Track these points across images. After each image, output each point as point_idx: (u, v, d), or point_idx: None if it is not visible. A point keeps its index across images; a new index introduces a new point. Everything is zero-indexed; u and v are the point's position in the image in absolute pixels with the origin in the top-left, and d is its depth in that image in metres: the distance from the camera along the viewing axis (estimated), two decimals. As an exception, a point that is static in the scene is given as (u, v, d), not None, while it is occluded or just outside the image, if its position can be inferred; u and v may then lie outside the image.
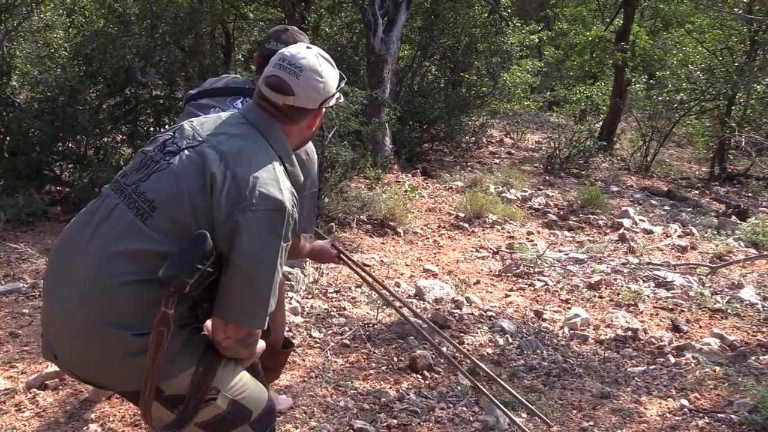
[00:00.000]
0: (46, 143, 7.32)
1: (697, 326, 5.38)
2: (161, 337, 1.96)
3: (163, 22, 8.49)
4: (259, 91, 2.28)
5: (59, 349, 2.11)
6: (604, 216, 9.03)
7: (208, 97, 3.15)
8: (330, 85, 2.31)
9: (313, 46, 2.35)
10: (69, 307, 2.03)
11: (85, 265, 2.04)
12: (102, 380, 2.13)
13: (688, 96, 14.05)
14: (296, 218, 2.18)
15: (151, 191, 2.08)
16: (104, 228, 2.07)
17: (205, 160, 2.08)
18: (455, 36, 13.19)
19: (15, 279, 5.42)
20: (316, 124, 2.40)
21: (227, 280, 2.04)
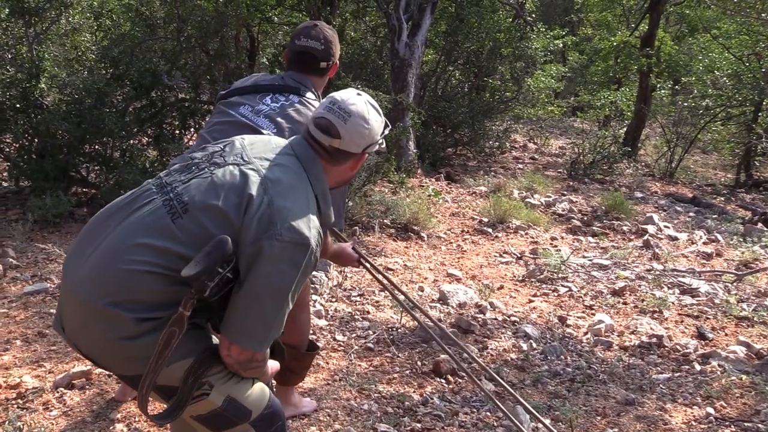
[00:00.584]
0: (73, 145, 7.39)
1: (722, 334, 5.35)
2: (172, 336, 2.01)
3: (189, 26, 8.55)
4: (308, 128, 2.37)
5: (67, 322, 2.17)
6: (628, 222, 8.99)
7: (238, 95, 3.20)
8: (375, 132, 2.40)
9: (363, 92, 2.43)
10: (79, 282, 2.09)
11: (107, 246, 2.10)
12: (99, 359, 2.18)
13: (714, 102, 13.96)
14: (317, 258, 2.23)
15: (188, 194, 2.14)
16: (135, 216, 2.14)
17: (246, 180, 2.14)
18: (479, 41, 13.18)
19: (42, 279, 5.48)
20: (357, 167, 2.48)
21: (238, 299, 2.10)
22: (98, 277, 2.06)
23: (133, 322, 2.02)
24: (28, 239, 6.36)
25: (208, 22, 8.44)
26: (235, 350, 2.12)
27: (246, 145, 2.32)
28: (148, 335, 2.04)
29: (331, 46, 3.23)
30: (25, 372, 4.02)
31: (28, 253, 6.02)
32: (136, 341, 2.04)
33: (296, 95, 3.16)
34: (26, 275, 5.54)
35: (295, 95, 3.16)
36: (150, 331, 2.04)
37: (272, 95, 3.15)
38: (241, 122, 3.06)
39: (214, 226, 2.07)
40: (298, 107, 3.11)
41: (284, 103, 3.13)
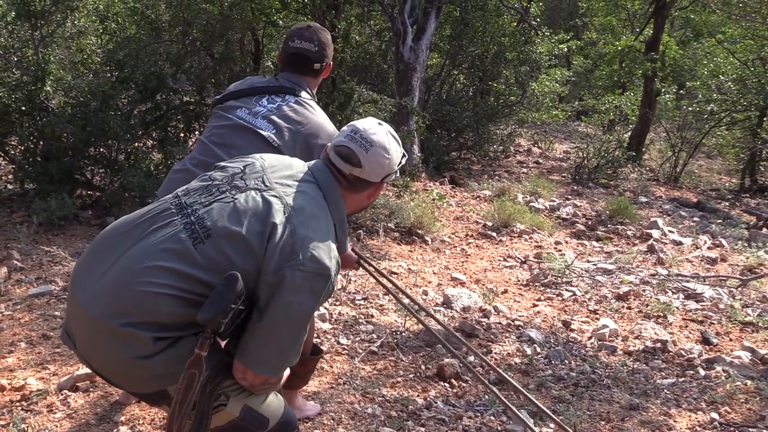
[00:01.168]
0: (78, 148, 7.40)
1: (727, 339, 5.34)
2: (192, 379, 2.02)
3: (194, 29, 8.56)
4: (328, 156, 2.40)
5: (78, 338, 2.15)
6: (632, 227, 8.98)
7: (234, 99, 3.21)
8: (394, 162, 2.44)
9: (384, 123, 2.46)
10: (93, 299, 2.07)
11: (124, 265, 2.08)
12: (111, 377, 2.17)
13: (719, 107, 13.94)
14: (334, 287, 2.25)
15: (210, 219, 2.13)
16: (154, 237, 2.12)
17: (270, 208, 2.15)
18: (484, 45, 13.19)
19: (47, 282, 5.48)
20: (374, 196, 2.53)
21: (256, 328, 2.11)
22: (114, 296, 2.04)
23: (152, 340, 2.01)
24: (33, 242, 6.37)
25: (213, 26, 8.45)
26: (250, 375, 2.14)
27: (266, 168, 2.33)
28: (163, 353, 2.04)
29: (324, 48, 3.24)
30: (30, 374, 4.02)
31: (32, 255, 6.03)
32: (150, 360, 2.03)
33: (292, 95, 3.18)
34: (31, 278, 5.55)
35: (290, 95, 3.18)
36: (164, 349, 2.04)
37: (268, 96, 3.17)
38: (239, 125, 3.08)
39: (236, 253, 2.08)
40: (294, 107, 3.14)
41: (280, 104, 3.14)
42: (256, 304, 2.11)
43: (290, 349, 2.17)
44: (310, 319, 2.18)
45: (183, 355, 2.03)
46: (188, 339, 2.06)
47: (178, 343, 2.06)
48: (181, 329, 2.05)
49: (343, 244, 2.38)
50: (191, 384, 2.01)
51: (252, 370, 2.13)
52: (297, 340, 2.18)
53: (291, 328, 2.12)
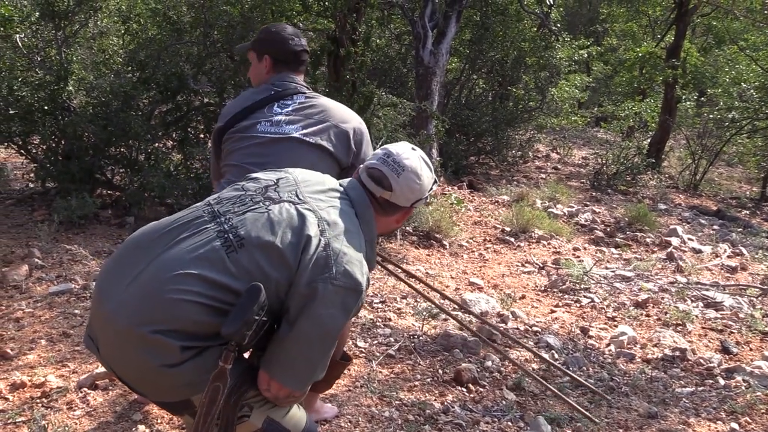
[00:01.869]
0: (99, 147, 7.45)
1: (747, 349, 5.30)
2: (216, 392, 2.01)
3: (216, 31, 8.59)
4: (360, 176, 2.41)
5: (102, 344, 2.13)
6: (651, 234, 8.93)
7: (243, 120, 3.15)
8: (425, 188, 2.44)
9: (417, 148, 2.47)
10: (121, 307, 2.05)
11: (154, 272, 2.06)
12: (137, 384, 2.15)
13: (741, 114, 13.85)
14: (364, 304, 2.25)
15: (244, 228, 2.12)
16: (186, 244, 2.11)
17: (304, 221, 2.15)
18: (504, 50, 13.17)
19: (67, 280, 5.52)
20: (403, 220, 2.52)
21: (285, 340, 2.10)
22: (143, 303, 2.03)
23: (179, 350, 2.01)
24: (54, 240, 6.41)
25: (234, 28, 8.48)
26: (275, 386, 2.14)
27: (300, 181, 2.33)
28: (189, 362, 2.03)
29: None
30: (50, 371, 4.05)
31: (53, 253, 6.07)
32: (177, 368, 2.02)
33: (299, 94, 3.18)
34: (51, 275, 5.58)
35: (298, 94, 3.18)
36: (191, 358, 2.03)
37: (277, 103, 3.15)
38: (270, 139, 3.04)
39: (269, 264, 2.07)
40: (309, 102, 3.16)
41: (295, 105, 3.14)
42: (285, 316, 2.10)
43: (318, 363, 2.17)
44: (339, 333, 2.16)
45: (209, 365, 2.02)
46: (215, 349, 2.04)
47: (205, 353, 2.05)
48: (208, 339, 2.04)
49: (372, 262, 2.37)
50: (215, 397, 2.01)
51: (278, 381, 2.12)
52: (325, 354, 2.17)
53: (320, 342, 2.12)
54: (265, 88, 3.22)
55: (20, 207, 7.39)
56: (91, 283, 5.44)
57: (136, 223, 7.04)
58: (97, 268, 5.82)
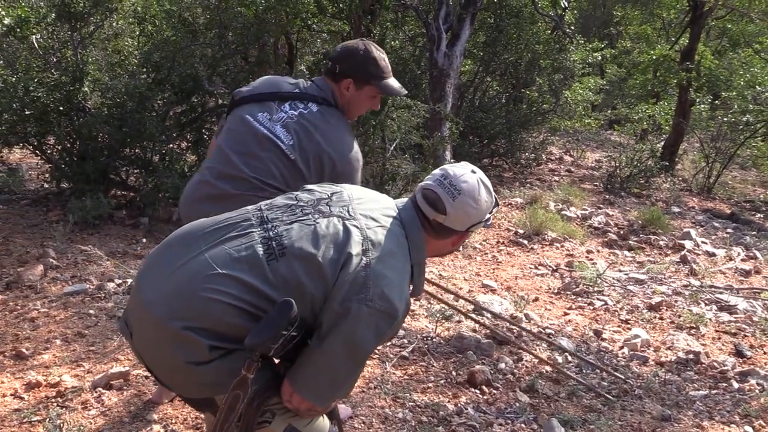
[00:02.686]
0: (114, 148, 7.48)
1: (761, 352, 5.28)
2: (236, 400, 2.01)
3: (230, 32, 8.62)
4: (415, 197, 2.34)
5: (136, 331, 2.15)
6: (665, 237, 8.91)
7: (255, 102, 3.17)
8: (483, 213, 2.34)
9: (478, 170, 2.37)
10: (159, 298, 2.06)
11: (194, 268, 2.08)
12: (162, 376, 2.17)
13: (755, 117, 13.78)
14: (399, 329, 2.23)
15: (288, 238, 2.12)
16: (229, 245, 2.12)
17: (349, 237, 2.13)
18: (518, 52, 13.15)
19: (82, 280, 5.55)
20: (459, 243, 2.44)
21: (313, 354, 2.09)
22: (179, 298, 2.04)
23: (207, 349, 2.01)
24: (69, 240, 6.45)
25: (248, 29, 8.51)
26: (296, 398, 2.13)
27: (354, 198, 2.30)
28: (215, 362, 2.04)
29: (344, 53, 3.15)
30: (65, 371, 4.08)
31: (68, 254, 6.11)
32: (202, 367, 2.03)
33: (315, 103, 3.13)
34: (66, 276, 5.62)
35: (314, 103, 3.13)
36: (218, 358, 2.04)
37: (291, 102, 3.13)
38: (259, 133, 3.05)
39: (307, 276, 2.06)
40: (314, 117, 3.09)
41: (302, 111, 3.10)
42: (317, 330, 2.10)
43: (343, 382, 2.16)
44: (368, 355, 2.16)
45: (234, 368, 2.02)
46: (242, 353, 2.03)
47: (231, 355, 2.05)
48: (237, 342, 2.03)
49: (418, 288, 2.33)
50: (234, 405, 2.00)
51: (300, 394, 2.12)
52: (352, 374, 2.17)
53: (347, 361, 2.11)
54: (298, 83, 3.22)
55: (35, 207, 7.43)
56: (105, 284, 5.47)
57: (150, 224, 7.07)
58: (112, 268, 5.85)
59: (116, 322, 4.80)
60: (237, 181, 3.03)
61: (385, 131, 8.16)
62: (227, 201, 2.98)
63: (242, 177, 3.02)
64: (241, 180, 3.03)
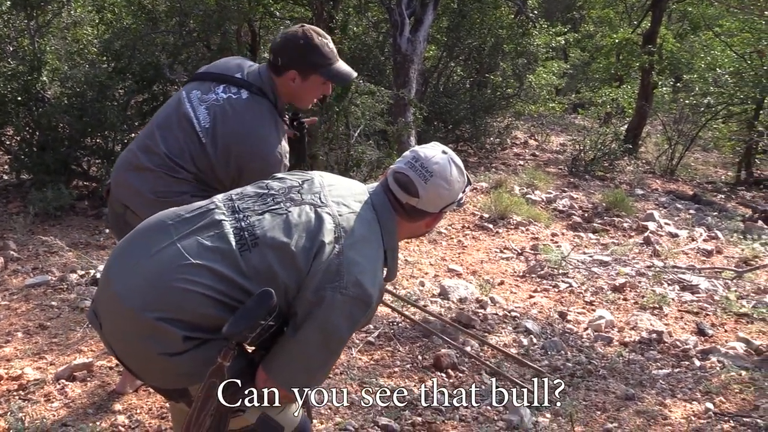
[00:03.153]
0: (74, 138, 7.41)
1: (722, 330, 5.36)
2: (212, 389, 1.99)
3: (191, 20, 8.55)
4: (386, 181, 2.31)
5: (106, 322, 2.13)
6: (628, 219, 8.99)
7: (199, 80, 3.16)
8: (455, 193, 2.32)
9: (448, 150, 2.35)
10: (130, 289, 2.04)
11: (166, 258, 2.06)
12: (134, 368, 2.16)
13: (716, 100, 13.94)
14: (373, 315, 2.23)
15: (260, 228, 2.10)
16: (201, 235, 2.10)
17: (321, 226, 2.11)
18: (481, 37, 13.17)
19: (43, 272, 5.49)
20: (432, 225, 2.43)
21: (288, 343, 2.09)
22: (152, 289, 2.03)
23: (181, 339, 2.00)
24: (29, 232, 6.37)
25: (210, 17, 8.44)
26: (271, 384, 2.12)
27: (325, 185, 2.29)
28: (190, 353, 2.03)
29: (285, 45, 3.05)
30: (27, 364, 4.04)
31: (29, 245, 6.04)
32: (177, 357, 2.02)
33: (248, 91, 3.07)
34: (27, 268, 5.56)
35: (246, 90, 3.07)
36: (192, 348, 2.03)
37: (226, 85, 3.09)
38: (182, 113, 3.03)
39: (280, 266, 2.05)
40: (239, 104, 3.04)
41: (231, 96, 3.05)
42: (292, 319, 2.09)
43: (317, 370, 2.16)
44: (344, 343, 2.16)
45: (209, 357, 2.01)
46: (216, 343, 2.03)
47: (206, 345, 2.04)
48: (212, 332, 2.03)
49: (392, 271, 2.32)
50: (211, 393, 1.99)
51: (275, 382, 2.11)
52: (327, 362, 2.17)
53: (323, 349, 2.10)
54: (242, 68, 3.17)
55: (-5, 199, 7.34)
56: (68, 275, 5.41)
57: (112, 214, 7.00)
58: (73, 259, 5.79)
59: (79, 313, 4.76)
60: (153, 156, 3.02)
61: (349, 117, 8.14)
62: (145, 173, 3.02)
63: (157, 152, 3.01)
64: (155, 155, 3.02)
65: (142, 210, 2.95)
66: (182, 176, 2.98)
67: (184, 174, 2.98)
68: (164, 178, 2.99)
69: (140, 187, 3.02)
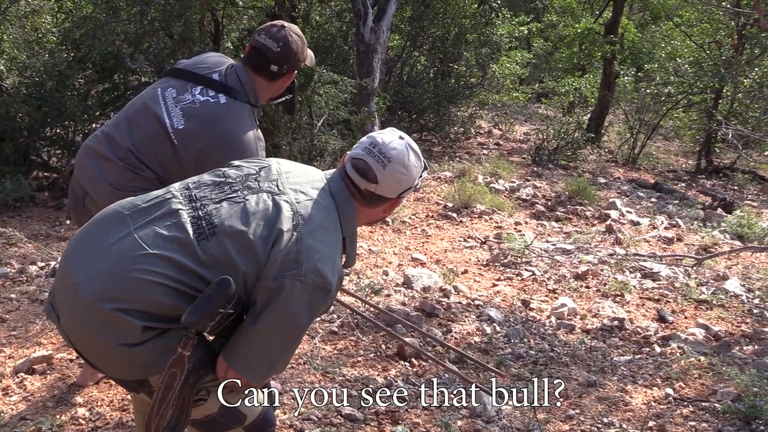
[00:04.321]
0: (33, 128, 7.29)
1: (682, 317, 5.43)
2: (173, 378, 1.98)
3: (153, 9, 8.45)
4: (344, 168, 2.30)
5: (64, 314, 2.10)
6: (591, 207, 9.06)
7: (174, 77, 3.13)
8: (413, 178, 2.33)
9: (405, 135, 2.35)
10: (88, 279, 2.02)
11: (124, 248, 2.04)
12: (93, 359, 2.13)
13: (676, 89, 14.12)
14: (332, 302, 2.22)
15: (218, 217, 2.09)
16: (158, 225, 2.08)
17: (279, 213, 2.10)
18: (445, 26, 13.20)
19: (2, 264, 5.41)
20: (391, 210, 2.43)
21: (248, 332, 2.08)
22: (110, 280, 2.00)
23: (140, 330, 1.98)
24: (-12, 223, 6.28)
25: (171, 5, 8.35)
26: (232, 375, 2.12)
27: (282, 172, 2.27)
28: (149, 343, 2.01)
29: (288, 51, 3.07)
30: (-15, 357, 3.98)
31: (-13, 237, 5.95)
32: (136, 348, 2.00)
33: (227, 95, 3.04)
34: (-15, 260, 5.47)
35: (225, 95, 3.04)
36: (151, 339, 2.01)
37: (203, 87, 3.05)
38: (155, 111, 3.00)
39: (238, 254, 2.04)
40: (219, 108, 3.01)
41: (209, 100, 3.02)
42: (251, 308, 2.08)
43: (278, 359, 2.16)
44: (304, 331, 2.15)
45: (168, 347, 2.00)
46: (176, 332, 2.02)
47: (166, 335, 2.03)
48: (171, 321, 2.01)
49: (351, 258, 2.33)
50: (172, 383, 1.98)
51: (235, 371, 2.10)
52: (287, 350, 2.16)
53: (283, 338, 2.10)
54: (223, 69, 3.13)
55: (-48, 191, 7.20)
56: (27, 267, 5.33)
57: (73, 205, 6.92)
58: (33, 251, 5.71)
59: (39, 305, 4.69)
60: (115, 147, 3.00)
61: (312, 107, 8.11)
62: (106, 163, 3.00)
63: (121, 144, 3.00)
64: (118, 147, 3.00)
65: (99, 198, 2.94)
66: (146, 175, 2.96)
67: (147, 173, 2.96)
68: (125, 172, 2.96)
69: (99, 175, 3.00)
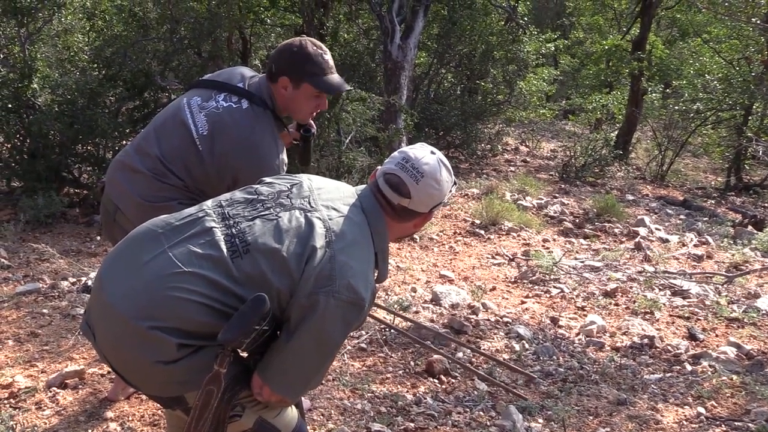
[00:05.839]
0: (65, 145, 7.39)
1: (713, 335, 5.37)
2: (210, 396, 1.99)
3: (182, 27, 8.55)
4: (376, 183, 2.31)
5: (99, 332, 2.12)
6: (619, 224, 9.01)
7: (202, 87, 3.17)
8: (444, 193, 2.34)
9: (436, 150, 2.36)
10: (123, 297, 2.04)
11: (158, 266, 2.05)
12: (130, 377, 2.14)
13: (705, 106, 14.00)
14: (366, 318, 2.23)
15: (251, 234, 2.10)
16: (192, 243, 2.10)
17: (312, 231, 2.11)
18: (472, 43, 13.20)
19: (34, 279, 5.47)
20: (421, 225, 2.44)
21: (283, 348, 2.09)
22: (145, 298, 2.02)
23: (176, 347, 2.00)
24: (20, 240, 6.35)
25: (201, 24, 8.44)
26: (267, 391, 2.13)
27: (314, 189, 2.29)
28: (185, 360, 2.02)
29: (281, 53, 3.07)
30: (18, 372, 4.02)
31: (20, 253, 6.02)
32: (171, 365, 2.01)
33: (249, 101, 3.07)
34: (18, 275, 5.53)
35: (247, 100, 3.07)
36: (187, 356, 2.02)
37: (227, 94, 3.09)
38: (179, 120, 3.04)
39: (272, 272, 2.05)
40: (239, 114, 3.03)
41: (231, 106, 3.05)
42: (285, 324, 2.10)
43: (313, 375, 2.17)
44: (338, 347, 2.16)
45: (204, 364, 2.01)
46: (211, 349, 2.03)
47: (201, 352, 2.04)
48: (206, 339, 2.03)
49: (383, 273, 2.33)
50: (209, 401, 1.99)
51: (270, 387, 2.11)
52: (321, 366, 2.17)
53: (317, 354, 2.11)
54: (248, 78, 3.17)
55: (-15, 207, 7.31)
56: (59, 282, 5.39)
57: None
58: (65, 266, 5.78)
59: (71, 320, 4.74)
60: (145, 158, 3.03)
61: (340, 124, 8.15)
62: (135, 175, 3.03)
63: (150, 154, 3.03)
64: (148, 157, 3.03)
65: (130, 211, 3.00)
66: (171, 182, 2.98)
67: (174, 180, 2.98)
68: (153, 182, 2.99)
69: (129, 188, 3.04)
